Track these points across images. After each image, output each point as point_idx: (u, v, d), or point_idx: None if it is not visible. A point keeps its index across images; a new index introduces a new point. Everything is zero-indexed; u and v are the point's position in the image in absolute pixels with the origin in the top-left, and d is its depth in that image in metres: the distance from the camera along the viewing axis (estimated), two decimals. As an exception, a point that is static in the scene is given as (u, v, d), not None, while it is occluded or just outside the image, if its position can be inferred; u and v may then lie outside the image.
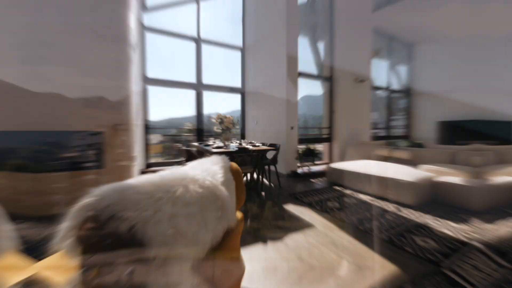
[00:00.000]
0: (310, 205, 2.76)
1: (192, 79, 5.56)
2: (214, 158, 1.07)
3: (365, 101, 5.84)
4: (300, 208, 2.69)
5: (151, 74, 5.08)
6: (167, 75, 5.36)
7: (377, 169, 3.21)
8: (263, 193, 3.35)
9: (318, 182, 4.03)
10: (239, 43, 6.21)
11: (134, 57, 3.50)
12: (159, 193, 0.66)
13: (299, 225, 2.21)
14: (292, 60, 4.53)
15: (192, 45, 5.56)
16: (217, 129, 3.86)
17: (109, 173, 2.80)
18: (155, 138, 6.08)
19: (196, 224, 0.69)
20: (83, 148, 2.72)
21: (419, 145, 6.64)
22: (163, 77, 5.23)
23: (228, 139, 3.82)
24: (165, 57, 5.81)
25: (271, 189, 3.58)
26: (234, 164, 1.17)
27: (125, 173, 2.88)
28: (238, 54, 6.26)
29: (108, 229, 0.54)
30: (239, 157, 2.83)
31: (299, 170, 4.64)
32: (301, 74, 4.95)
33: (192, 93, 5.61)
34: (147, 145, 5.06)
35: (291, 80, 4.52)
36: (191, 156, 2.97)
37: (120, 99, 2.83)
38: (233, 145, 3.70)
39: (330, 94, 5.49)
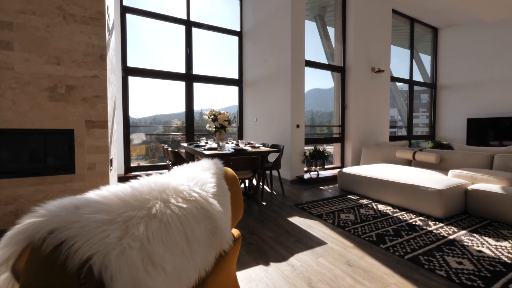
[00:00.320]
0: (320, 218, 2.67)
1: (181, 69, 5.47)
2: (204, 162, 0.98)
3: (383, 95, 5.77)
4: (308, 221, 2.60)
5: (132, 63, 4.99)
6: (151, 64, 5.27)
7: (399, 175, 3.13)
8: (264, 203, 3.26)
9: (329, 190, 3.94)
10: (236, 27, 6.13)
11: (111, 42, 3.41)
12: (128, 211, 0.57)
13: (308, 242, 2.12)
14: (298, 46, 4.45)
15: (181, 29, 5.48)
16: (209, 127, 3.77)
17: (79, 179, 2.70)
18: (138, 137, 6.00)
19: (179, 254, 0.60)
20: (48, 149, 2.62)
21: (446, 147, 6.59)
22: (146, 67, 5.14)
23: (223, 139, 3.73)
24: (149, 44, 5.73)
25: (273, 198, 3.49)
26: (230, 170, 1.08)
27: (99, 179, 2.78)
28: (234, 40, 6.18)
29: (53, 263, 0.45)
30: (236, 160, 2.74)
31: (306, 175, 4.56)
32: (309, 63, 4.88)
33: (181, 85, 5.52)
34: (127, 146, 4.96)
35: (297, 70, 4.44)
36: (178, 159, 2.88)
37: (93, 91, 2.73)
38: (229, 146, 3.61)
39: (342, 87, 5.42)
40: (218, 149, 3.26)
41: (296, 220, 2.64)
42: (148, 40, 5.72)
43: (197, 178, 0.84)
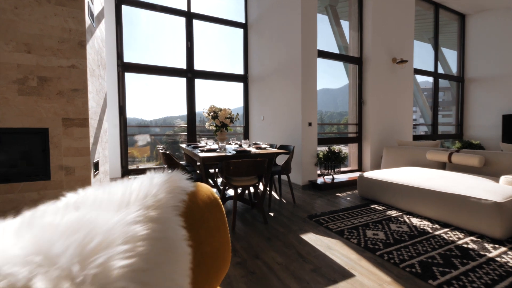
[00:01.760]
0: (341, 235, 2.16)
1: (182, 65, 5.08)
2: (147, 179, 0.51)
3: (405, 89, 5.16)
4: (327, 240, 2.10)
5: (129, 58, 4.64)
6: (149, 59, 4.91)
7: (438, 181, 2.58)
8: (271, 214, 2.78)
9: (347, 198, 3.41)
10: (241, 18, 5.69)
11: (97, 31, 3.04)
12: None
13: (328, 273, 1.63)
14: (309, 34, 3.94)
15: (182, 21, 5.09)
16: (209, 125, 3.33)
17: (56, 186, 2.32)
18: (143, 139, 5.68)
19: None
20: (18, 151, 2.25)
21: (477, 146, 5.88)
22: (144, 62, 4.77)
23: (224, 139, 3.28)
24: (147, 37, 5.39)
25: (283, 207, 3.00)
26: (204, 191, 0.62)
27: (79, 186, 2.38)
28: (239, 33, 5.74)
29: None
30: (237, 164, 2.28)
31: (319, 180, 4.04)
32: (321, 54, 4.36)
33: (181, 82, 5.13)
34: (124, 148, 4.61)
35: (308, 61, 3.94)
36: (170, 163, 2.46)
37: (71, 83, 2.35)
38: (230, 147, 3.15)
39: (359, 80, 4.86)
40: (218, 150, 2.80)
41: (311, 238, 2.14)
42: (145, 34, 5.37)
43: (116, 223, 0.38)
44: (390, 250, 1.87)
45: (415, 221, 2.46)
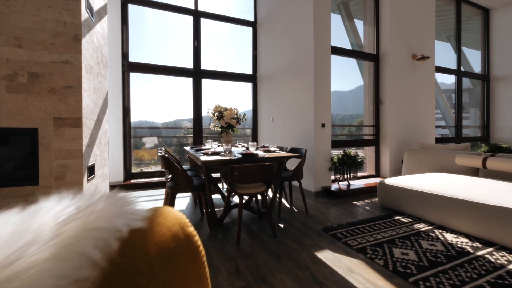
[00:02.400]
0: (363, 254, 1.85)
1: (189, 64, 4.91)
2: (53, 213, 0.26)
3: (427, 87, 4.77)
4: (347, 259, 1.79)
5: (134, 57, 4.51)
6: (155, 58, 4.76)
7: (475, 190, 2.22)
8: (281, 225, 2.49)
9: (366, 207, 3.08)
10: (250, 16, 5.49)
11: (98, 26, 2.88)
12: None
13: (351, 303, 1.32)
14: (322, 30, 3.66)
15: (189, 19, 4.93)
16: (214, 127, 3.10)
17: (45, 191, 2.13)
18: (151, 141, 5.55)
19: None
20: (4, 153, 2.08)
21: (507, 150, 5.37)
22: (149, 61, 4.63)
23: (230, 142, 3.03)
24: (153, 36, 5.27)
25: (294, 217, 2.71)
26: (168, 223, 0.36)
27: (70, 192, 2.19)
28: (248, 31, 5.53)
29: None
30: (243, 169, 2.02)
31: (333, 186, 3.72)
32: (335, 50, 4.06)
33: (188, 82, 4.95)
34: (128, 151, 4.44)
35: (321, 58, 3.65)
36: (169, 166, 2.23)
37: (64, 80, 2.17)
38: (237, 150, 2.90)
39: (376, 79, 4.52)
40: (222, 153, 2.56)
41: (327, 256, 1.84)
42: (152, 33, 5.25)
43: None
44: (425, 275, 1.54)
45: (449, 237, 2.11)
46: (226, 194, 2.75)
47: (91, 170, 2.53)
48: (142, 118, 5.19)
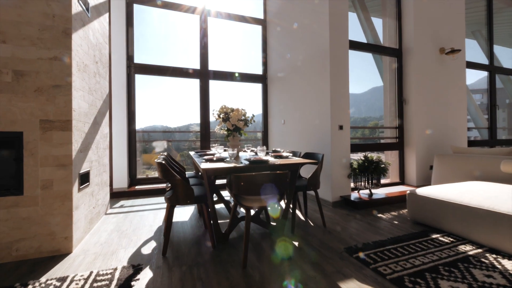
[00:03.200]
0: (399, 286, 1.47)
1: (195, 65, 4.70)
2: None
3: (457, 84, 4.29)
4: (379, 293, 1.42)
5: (139, 59, 4.34)
6: (160, 59, 4.58)
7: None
8: (295, 243, 2.14)
9: (394, 221, 2.67)
10: (259, 14, 5.23)
11: (96, 23, 2.68)
12: None
13: None
14: (339, 23, 3.32)
15: (195, 19, 4.73)
16: (220, 129, 2.81)
17: (30, 203, 1.90)
18: (160, 145, 5.37)
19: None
20: (-15, 161, 1.87)
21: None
22: (155, 63, 4.45)
23: (237, 146, 2.73)
24: (159, 37, 5.09)
25: (310, 233, 2.35)
26: None
27: (58, 204, 1.96)
28: (257, 30, 5.27)
29: None
30: (250, 179, 1.70)
31: (353, 195, 3.32)
32: (354, 45, 3.70)
33: (196, 84, 4.72)
34: (133, 156, 4.24)
35: (338, 53, 3.30)
36: (166, 175, 1.96)
37: (52, 78, 1.96)
38: (245, 156, 2.59)
39: (399, 75, 4.10)
40: (227, 159, 2.25)
41: (355, 287, 1.47)
42: (158, 34, 5.08)
43: None
44: (494, 326, 1.15)
45: (509, 265, 1.68)
46: (232, 204, 2.45)
47: (85, 178, 2.29)
48: (151, 122, 5.00)
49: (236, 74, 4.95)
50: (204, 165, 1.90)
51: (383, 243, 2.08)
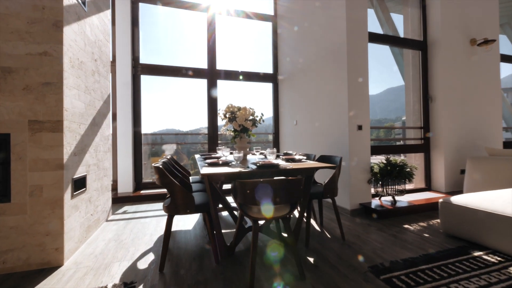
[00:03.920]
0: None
1: (203, 65, 4.53)
2: None
3: (491, 79, 3.87)
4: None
5: (145, 59, 4.23)
6: (166, 59, 4.45)
7: None
8: (310, 259, 1.87)
9: (424, 234, 2.33)
10: (269, 9, 5.01)
11: (94, 18, 2.55)
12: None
13: None
14: (357, 13, 3.03)
15: (203, 16, 4.58)
16: (226, 130, 2.60)
17: (17, 210, 1.75)
18: (170, 148, 5.25)
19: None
20: (-30, 165, 1.74)
21: None
22: (161, 63, 4.32)
23: (245, 149, 2.50)
24: (165, 36, 4.99)
25: (326, 246, 2.07)
26: None
27: (47, 211, 1.80)
28: (267, 27, 5.05)
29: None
30: (257, 186, 1.46)
31: (374, 202, 3.00)
32: (374, 37, 3.39)
33: (202, 84, 4.56)
34: (138, 159, 4.11)
35: (357, 47, 3.01)
36: (163, 180, 1.75)
37: (41, 75, 1.81)
38: (252, 159, 2.36)
39: (423, 70, 3.74)
40: (233, 163, 2.02)
41: (387, 324, 1.19)
42: (163, 32, 4.98)
43: None
44: None
45: None
46: (238, 212, 2.21)
47: (80, 183, 2.13)
48: (162, 125, 4.88)
49: (245, 73, 4.74)
50: (205, 170, 1.68)
51: (415, 261, 1.77)
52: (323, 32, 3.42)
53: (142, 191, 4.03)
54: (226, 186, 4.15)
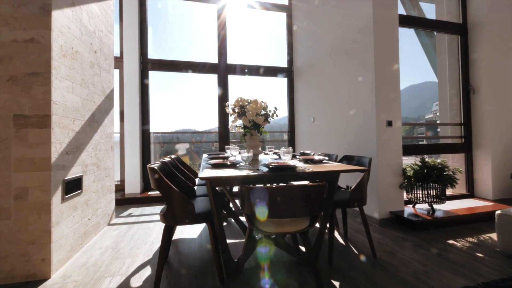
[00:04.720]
0: None
1: (213, 59, 4.30)
2: None
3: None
4: None
5: (153, 54, 4.06)
6: (176, 54, 4.26)
7: None
8: (336, 284, 1.53)
9: (475, 252, 1.91)
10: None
11: (95, 7, 2.37)
12: None
13: None
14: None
15: (213, 8, 4.35)
16: (234, 127, 2.31)
17: (2, 216, 1.56)
18: (183, 148, 5.09)
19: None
20: (-51, 165, 1.57)
21: None
22: (170, 58, 4.14)
23: (257, 147, 2.20)
24: (174, 29, 4.79)
25: (354, 266, 1.71)
26: None
27: (34, 217, 1.60)
28: (281, 17, 4.72)
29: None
30: (272, 193, 1.16)
31: (407, 211, 2.58)
32: (405, 20, 2.97)
33: (213, 80, 4.32)
34: (146, 159, 3.94)
35: (385, 31, 2.62)
36: (160, 186, 1.50)
37: (27, 64, 1.62)
38: (265, 159, 2.05)
39: (463, 58, 3.25)
40: (241, 164, 1.73)
41: None
42: (172, 26, 4.76)
43: None
44: None
45: None
46: (246, 221, 1.90)
47: (74, 185, 1.93)
48: (178, 125, 4.70)
49: (258, 67, 4.44)
50: (206, 173, 1.40)
51: (473, 293, 1.38)
52: (344, 19, 3.04)
53: (150, 192, 3.85)
54: (236, 188, 3.88)
